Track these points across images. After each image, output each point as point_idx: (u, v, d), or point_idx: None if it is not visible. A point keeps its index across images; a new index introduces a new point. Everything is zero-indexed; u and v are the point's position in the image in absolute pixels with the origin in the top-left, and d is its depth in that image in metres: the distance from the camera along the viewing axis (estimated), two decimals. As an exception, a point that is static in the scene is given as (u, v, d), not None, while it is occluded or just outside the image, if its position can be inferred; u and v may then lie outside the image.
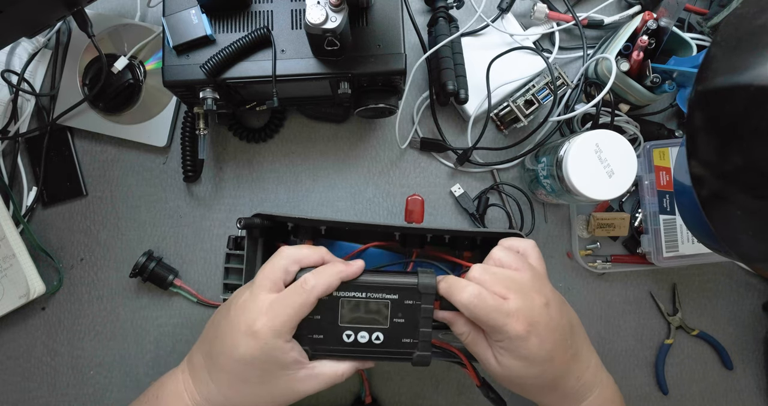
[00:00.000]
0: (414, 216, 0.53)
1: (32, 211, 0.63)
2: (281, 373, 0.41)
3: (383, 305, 0.43)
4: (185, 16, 0.49)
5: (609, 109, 0.59)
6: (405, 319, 0.43)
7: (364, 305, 0.43)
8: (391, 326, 0.43)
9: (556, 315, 0.43)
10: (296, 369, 0.42)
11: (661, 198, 0.59)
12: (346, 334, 0.43)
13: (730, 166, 0.34)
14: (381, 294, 0.43)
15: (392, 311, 0.43)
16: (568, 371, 0.43)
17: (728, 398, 0.64)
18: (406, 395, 0.62)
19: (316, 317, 0.43)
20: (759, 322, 0.64)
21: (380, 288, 0.43)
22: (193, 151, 0.60)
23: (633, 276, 0.64)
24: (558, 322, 0.43)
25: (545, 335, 0.41)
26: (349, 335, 0.43)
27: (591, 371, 0.45)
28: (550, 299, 0.43)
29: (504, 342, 0.41)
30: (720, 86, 0.35)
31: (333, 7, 0.43)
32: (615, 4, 0.64)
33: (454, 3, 0.62)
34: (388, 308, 0.43)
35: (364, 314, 0.43)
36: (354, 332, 0.43)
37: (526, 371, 0.42)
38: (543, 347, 0.41)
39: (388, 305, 0.43)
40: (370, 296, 0.43)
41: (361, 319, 0.43)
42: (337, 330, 0.43)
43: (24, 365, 0.62)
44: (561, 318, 0.43)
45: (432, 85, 0.61)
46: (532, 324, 0.41)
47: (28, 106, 0.63)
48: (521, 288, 0.42)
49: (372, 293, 0.43)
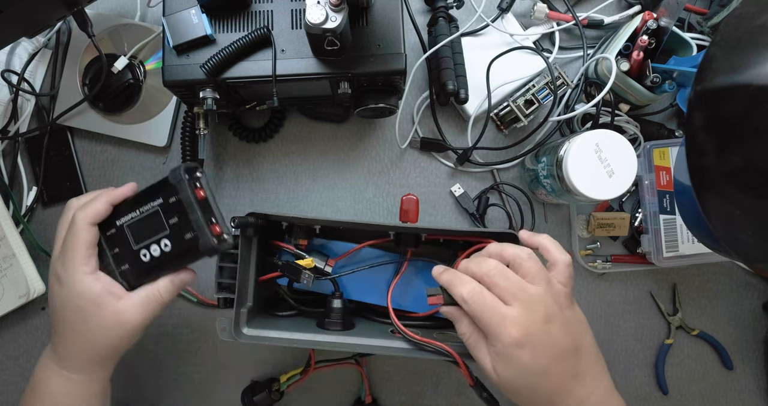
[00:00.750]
0: (409, 216, 0.53)
1: (32, 211, 0.63)
2: (98, 307, 0.44)
3: (154, 213, 0.44)
4: (185, 16, 0.49)
5: (609, 109, 0.59)
6: (179, 217, 0.44)
7: (143, 222, 0.45)
8: (171, 230, 0.44)
9: (557, 332, 0.42)
10: (113, 301, 0.44)
11: (661, 198, 0.59)
12: (142, 253, 0.45)
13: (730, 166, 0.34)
14: (148, 204, 0.45)
15: (165, 215, 0.44)
16: (566, 390, 0.42)
17: (728, 398, 0.64)
18: (406, 395, 0.62)
19: (115, 251, 0.46)
20: (759, 322, 0.64)
21: (145, 199, 0.45)
22: (193, 151, 0.60)
23: (633, 276, 0.64)
24: (557, 339, 0.42)
25: (540, 350, 0.41)
26: (144, 253, 0.45)
27: (596, 396, 0.44)
28: (554, 316, 0.42)
29: (497, 347, 0.41)
30: (720, 86, 0.35)
31: (333, 7, 0.43)
32: (615, 4, 0.64)
33: (454, 3, 0.62)
34: (161, 213, 0.44)
35: (146, 229, 0.45)
36: (146, 248, 0.45)
37: (518, 382, 0.42)
38: (536, 360, 0.41)
39: (158, 212, 0.44)
40: (141, 210, 0.45)
41: (147, 234, 0.45)
42: (134, 254, 0.45)
43: (24, 365, 0.62)
44: (563, 336, 0.42)
45: (432, 85, 0.61)
46: (528, 335, 0.40)
47: (28, 106, 0.63)
48: (528, 299, 0.42)
49: (141, 207, 0.45)
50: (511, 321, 0.40)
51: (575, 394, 0.43)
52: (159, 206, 0.44)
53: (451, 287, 0.43)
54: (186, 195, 0.43)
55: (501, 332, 0.40)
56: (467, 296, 0.41)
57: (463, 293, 0.42)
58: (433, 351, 0.47)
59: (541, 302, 0.42)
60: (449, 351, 0.46)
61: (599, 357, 0.46)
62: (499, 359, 0.41)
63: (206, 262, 0.62)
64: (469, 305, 0.41)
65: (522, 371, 0.41)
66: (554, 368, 0.42)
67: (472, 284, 0.42)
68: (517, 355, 0.41)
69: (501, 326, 0.40)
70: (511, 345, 0.40)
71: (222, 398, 0.62)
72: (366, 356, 0.61)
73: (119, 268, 0.46)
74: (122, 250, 0.46)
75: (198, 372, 0.63)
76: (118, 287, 0.45)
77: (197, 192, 0.43)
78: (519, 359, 0.41)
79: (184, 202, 0.43)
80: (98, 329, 0.45)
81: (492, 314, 0.41)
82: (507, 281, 0.42)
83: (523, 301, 0.41)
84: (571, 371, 0.43)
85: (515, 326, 0.40)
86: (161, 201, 0.44)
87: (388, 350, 0.48)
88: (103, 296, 0.44)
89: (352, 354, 0.61)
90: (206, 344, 0.63)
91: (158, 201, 0.44)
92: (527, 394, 0.43)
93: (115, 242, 0.46)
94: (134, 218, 0.45)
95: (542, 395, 0.42)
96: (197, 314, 0.62)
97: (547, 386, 0.42)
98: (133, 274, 0.46)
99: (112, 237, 0.46)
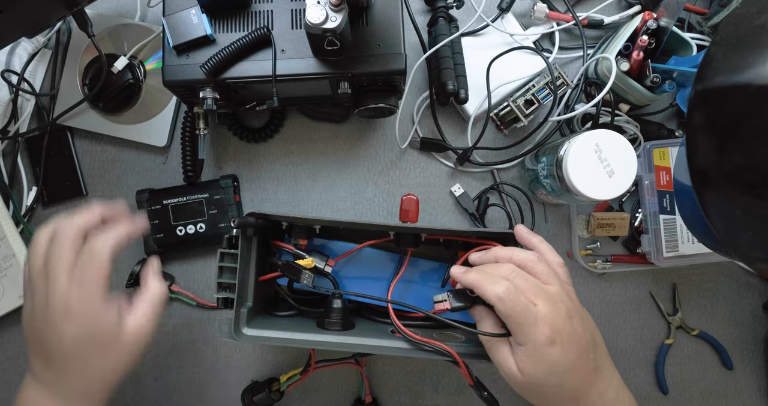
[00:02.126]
0: (409, 215, 0.53)
1: (32, 211, 0.63)
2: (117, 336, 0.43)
3: (199, 203, 0.59)
4: (185, 16, 0.49)
5: (609, 109, 0.59)
6: (218, 210, 0.60)
7: (186, 206, 0.60)
8: (209, 217, 0.59)
9: (579, 328, 0.43)
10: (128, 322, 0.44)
11: (661, 198, 0.59)
12: (178, 229, 0.59)
13: (730, 165, 0.34)
14: (196, 195, 0.60)
15: (207, 206, 0.59)
16: (590, 384, 0.44)
17: (728, 398, 0.64)
18: (406, 395, 0.62)
19: (155, 222, 0.60)
20: (759, 322, 0.64)
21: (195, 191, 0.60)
22: (193, 151, 0.60)
23: (633, 276, 0.64)
24: (581, 334, 0.43)
25: (568, 345, 0.42)
26: (180, 229, 0.59)
27: (613, 388, 0.45)
28: (573, 312, 0.43)
29: (528, 346, 0.41)
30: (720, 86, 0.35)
31: (333, 7, 0.43)
32: (615, 4, 0.64)
33: (454, 3, 0.62)
34: (203, 204, 0.59)
35: (187, 212, 0.60)
36: (183, 226, 0.59)
37: (547, 379, 0.42)
38: (566, 356, 0.41)
39: (203, 203, 0.59)
40: (189, 198, 0.60)
41: (187, 216, 0.60)
42: (171, 228, 0.60)
43: (24, 365, 0.62)
44: (584, 332, 0.43)
45: (432, 85, 0.61)
46: (557, 332, 0.41)
47: (28, 106, 0.63)
48: (549, 298, 0.43)
49: (190, 196, 0.60)
50: (543, 320, 0.41)
51: (597, 387, 0.44)
52: (204, 199, 0.59)
53: (482, 286, 0.43)
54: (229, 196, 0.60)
55: (535, 331, 0.41)
56: (504, 294, 0.41)
57: (499, 293, 0.41)
58: (433, 351, 0.47)
59: (560, 300, 0.43)
60: (449, 351, 0.46)
61: (604, 346, 0.47)
62: (529, 359, 0.42)
63: (207, 263, 0.63)
64: (505, 303, 0.41)
65: (552, 369, 0.42)
66: (579, 363, 0.43)
67: (506, 283, 0.42)
68: (548, 353, 0.41)
69: (534, 325, 0.41)
70: (543, 344, 0.41)
71: (222, 398, 0.62)
72: (366, 355, 0.61)
73: (156, 235, 0.60)
74: (162, 222, 0.60)
75: (198, 372, 0.63)
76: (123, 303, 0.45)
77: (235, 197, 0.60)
78: (550, 357, 0.41)
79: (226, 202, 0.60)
80: (118, 356, 0.43)
81: (527, 314, 0.41)
82: (527, 282, 0.43)
83: (546, 300, 0.42)
84: (592, 365, 0.44)
85: (546, 325, 0.41)
86: (207, 196, 0.60)
87: (388, 350, 0.48)
88: (120, 323, 0.43)
89: (352, 354, 0.61)
90: (206, 344, 0.63)
91: (204, 195, 0.60)
92: (554, 392, 0.43)
93: (157, 216, 0.60)
94: (179, 202, 0.60)
95: (569, 391, 0.43)
96: (197, 314, 0.62)
97: (574, 382, 0.43)
98: (167, 242, 0.60)
99: (155, 211, 0.60)
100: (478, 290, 0.43)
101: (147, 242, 0.60)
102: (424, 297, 0.55)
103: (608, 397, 0.44)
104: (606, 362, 0.46)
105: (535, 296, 0.42)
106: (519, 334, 0.42)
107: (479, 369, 0.61)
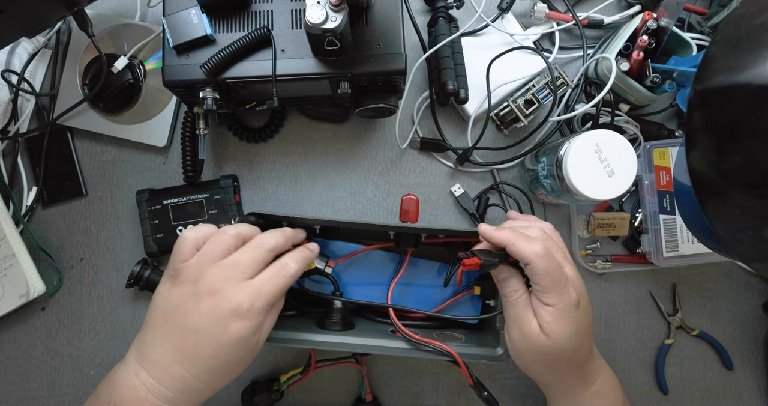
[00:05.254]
0: (409, 215, 0.53)
1: (32, 211, 0.63)
2: (260, 341, 0.44)
3: (199, 203, 0.60)
4: (185, 16, 0.49)
5: (609, 109, 0.59)
6: (218, 210, 0.60)
7: (186, 206, 0.60)
8: (209, 217, 0.60)
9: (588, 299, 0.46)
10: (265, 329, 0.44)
11: (661, 198, 0.59)
12: (178, 229, 0.60)
13: (730, 165, 0.34)
14: (196, 195, 0.60)
15: (207, 206, 0.60)
16: (591, 352, 0.47)
17: (728, 398, 0.64)
18: (406, 395, 0.62)
19: (155, 222, 0.60)
20: (759, 322, 0.64)
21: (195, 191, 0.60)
22: (193, 151, 0.60)
23: (633, 276, 0.64)
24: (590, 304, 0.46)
25: (587, 309, 0.45)
26: (180, 229, 0.59)
27: (596, 354, 0.49)
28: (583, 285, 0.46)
29: (557, 306, 0.42)
30: (720, 86, 0.35)
31: (333, 7, 0.43)
32: (615, 4, 0.64)
33: (454, 3, 0.62)
34: (203, 204, 0.59)
35: (187, 212, 0.60)
36: (183, 226, 0.60)
37: (569, 341, 0.43)
38: (585, 319, 0.44)
39: (203, 203, 0.59)
40: (189, 198, 0.60)
41: (187, 216, 0.60)
42: (171, 228, 0.60)
43: (24, 365, 0.62)
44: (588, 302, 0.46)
45: (432, 85, 0.61)
46: (581, 295, 0.44)
47: (28, 106, 0.63)
48: (571, 262, 0.46)
49: (190, 196, 0.60)
50: (572, 281, 0.43)
51: (593, 355, 0.48)
52: (204, 199, 0.60)
53: (518, 243, 0.42)
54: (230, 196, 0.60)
55: (565, 291, 0.42)
56: (543, 252, 0.42)
57: (538, 250, 0.42)
58: (433, 351, 0.47)
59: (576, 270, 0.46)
60: (449, 351, 0.46)
61: None
62: (555, 320, 0.42)
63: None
64: (544, 261, 0.42)
65: (576, 330, 0.43)
66: (591, 329, 0.46)
67: (543, 242, 0.43)
68: (575, 314, 0.43)
69: (566, 285, 0.43)
70: (572, 305, 0.43)
71: (222, 398, 0.62)
72: (366, 355, 0.61)
73: (155, 235, 0.60)
74: (161, 222, 0.60)
75: (198, 372, 0.63)
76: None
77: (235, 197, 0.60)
78: (576, 318, 0.43)
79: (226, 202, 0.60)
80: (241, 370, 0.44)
81: (561, 273, 0.42)
82: (556, 246, 0.45)
83: (571, 264, 0.45)
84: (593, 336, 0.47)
85: (574, 287, 0.43)
86: (207, 196, 0.60)
87: (388, 350, 0.49)
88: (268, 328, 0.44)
89: (352, 353, 0.61)
90: (206, 344, 0.63)
91: (204, 195, 0.60)
92: (569, 356, 0.44)
93: (156, 216, 0.60)
94: (179, 202, 0.60)
95: (581, 355, 0.45)
96: (197, 314, 0.62)
97: (587, 346, 0.46)
98: (165, 242, 0.59)
99: (152, 211, 0.60)
100: (514, 246, 0.43)
101: (147, 242, 0.60)
102: (424, 297, 0.55)
103: (597, 364, 0.48)
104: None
105: (564, 259, 0.44)
106: (551, 293, 0.42)
107: (479, 369, 0.61)
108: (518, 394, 0.62)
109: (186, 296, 0.42)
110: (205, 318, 0.41)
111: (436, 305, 0.55)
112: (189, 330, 0.42)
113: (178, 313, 0.42)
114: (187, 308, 0.42)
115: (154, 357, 0.42)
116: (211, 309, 0.41)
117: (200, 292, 0.42)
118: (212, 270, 0.42)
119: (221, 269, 0.42)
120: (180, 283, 0.43)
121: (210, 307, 0.41)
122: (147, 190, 0.61)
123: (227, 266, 0.42)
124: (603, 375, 0.48)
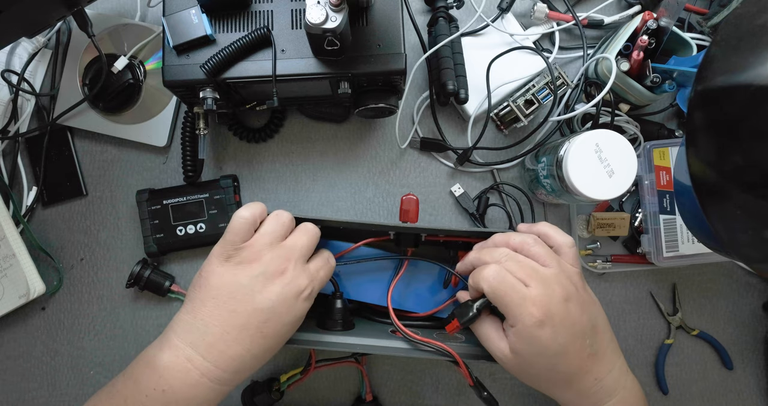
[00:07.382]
0: (409, 215, 0.53)
1: (32, 211, 0.63)
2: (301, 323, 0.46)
3: (199, 203, 0.59)
4: (185, 16, 0.49)
5: (609, 109, 0.59)
6: (218, 210, 0.60)
7: (186, 206, 0.60)
8: (209, 217, 0.60)
9: (576, 311, 0.43)
10: None
11: (661, 198, 0.59)
12: (178, 229, 0.60)
13: (730, 165, 0.34)
14: (196, 195, 0.60)
15: (207, 206, 0.59)
16: (585, 369, 0.43)
17: (728, 398, 0.63)
18: (406, 395, 0.62)
19: (155, 222, 0.60)
20: (759, 322, 0.64)
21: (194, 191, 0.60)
22: (193, 151, 0.60)
23: (633, 276, 0.64)
24: (576, 318, 0.42)
25: (560, 329, 0.41)
26: (180, 229, 0.60)
27: (614, 375, 0.45)
28: (571, 295, 0.43)
29: (518, 327, 0.41)
30: (720, 86, 0.35)
31: (333, 7, 0.43)
32: (615, 4, 0.64)
33: (454, 3, 0.62)
34: (203, 204, 0.59)
35: (187, 212, 0.60)
36: (183, 226, 0.59)
37: (537, 361, 0.42)
38: (556, 339, 0.41)
39: (203, 203, 0.59)
40: (189, 198, 0.60)
41: (187, 216, 0.60)
42: (171, 228, 0.60)
43: (24, 365, 0.62)
44: (581, 315, 0.43)
45: (432, 85, 0.61)
46: (548, 315, 0.41)
47: (28, 106, 0.63)
48: (544, 279, 0.42)
49: (190, 196, 0.60)
50: (532, 301, 0.41)
51: (593, 373, 0.44)
52: (204, 199, 0.59)
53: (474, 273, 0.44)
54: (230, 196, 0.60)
55: (522, 311, 0.41)
56: (490, 276, 0.42)
57: (485, 275, 0.42)
58: (433, 351, 0.47)
59: (556, 281, 0.43)
60: (449, 351, 0.46)
61: (613, 337, 0.47)
62: (519, 340, 0.42)
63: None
64: (490, 284, 0.42)
65: (542, 351, 0.41)
66: (573, 347, 0.42)
67: (495, 266, 0.43)
68: (538, 334, 0.41)
69: (522, 305, 0.41)
70: (532, 325, 0.41)
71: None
72: (366, 355, 0.61)
73: (155, 235, 0.60)
74: (162, 221, 0.60)
75: (198, 372, 0.63)
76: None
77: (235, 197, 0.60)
78: (539, 339, 0.41)
79: (226, 201, 0.60)
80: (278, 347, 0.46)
81: (513, 294, 0.41)
82: (520, 264, 0.43)
83: (540, 281, 0.42)
84: (589, 350, 0.43)
85: (535, 306, 0.41)
86: (207, 196, 0.60)
87: (388, 350, 0.48)
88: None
89: (352, 353, 0.61)
90: (206, 344, 0.63)
91: (204, 195, 0.60)
92: (546, 374, 0.43)
93: (157, 215, 0.60)
94: (179, 202, 0.59)
95: (561, 374, 0.43)
96: (197, 314, 0.62)
97: (566, 366, 0.43)
98: (167, 242, 0.60)
99: (155, 211, 0.60)
100: (472, 277, 0.44)
101: (147, 242, 0.60)
102: (424, 297, 0.55)
103: (606, 383, 0.44)
104: (608, 347, 0.45)
105: (528, 278, 0.42)
106: (508, 315, 0.42)
107: (479, 369, 0.61)
108: (518, 394, 0.62)
109: (255, 276, 0.43)
110: (276, 298, 0.43)
111: (436, 305, 0.55)
112: (258, 309, 0.43)
113: (246, 293, 0.43)
114: (255, 287, 0.43)
115: (210, 339, 0.42)
116: (281, 289, 0.43)
117: (269, 272, 0.43)
118: (275, 251, 0.44)
119: (284, 251, 0.44)
120: (243, 262, 0.44)
121: (280, 287, 0.43)
122: (147, 190, 0.61)
123: (288, 248, 0.44)
124: (622, 394, 0.45)
